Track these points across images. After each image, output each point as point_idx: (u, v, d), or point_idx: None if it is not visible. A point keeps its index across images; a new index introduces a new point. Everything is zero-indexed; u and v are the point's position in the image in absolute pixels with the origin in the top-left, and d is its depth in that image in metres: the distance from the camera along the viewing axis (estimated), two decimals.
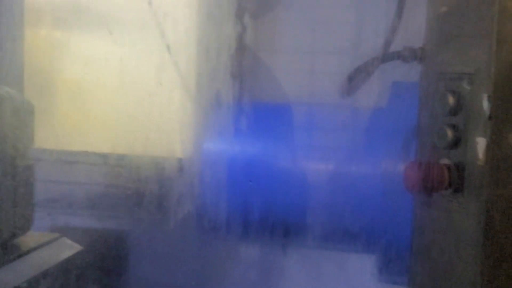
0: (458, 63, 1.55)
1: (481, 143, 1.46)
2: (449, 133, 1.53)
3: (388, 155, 1.98)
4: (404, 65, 1.77)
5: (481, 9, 1.50)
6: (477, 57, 1.49)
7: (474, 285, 1.48)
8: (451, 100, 1.53)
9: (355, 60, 2.09)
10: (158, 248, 2.45)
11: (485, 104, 1.46)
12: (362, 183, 2.03)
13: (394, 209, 1.96)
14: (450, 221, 1.52)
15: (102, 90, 2.49)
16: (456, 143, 1.52)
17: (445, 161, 1.53)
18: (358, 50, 2.14)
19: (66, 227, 2.45)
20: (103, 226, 2.44)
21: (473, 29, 1.52)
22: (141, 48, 2.46)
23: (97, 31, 2.49)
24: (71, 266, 2.16)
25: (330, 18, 2.23)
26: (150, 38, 2.45)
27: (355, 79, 1.83)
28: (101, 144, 2.49)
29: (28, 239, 2.05)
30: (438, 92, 1.57)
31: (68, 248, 2.18)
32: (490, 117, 1.44)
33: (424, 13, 1.68)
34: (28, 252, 2.00)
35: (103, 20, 2.48)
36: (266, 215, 2.14)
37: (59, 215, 2.49)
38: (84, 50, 2.46)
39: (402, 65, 1.80)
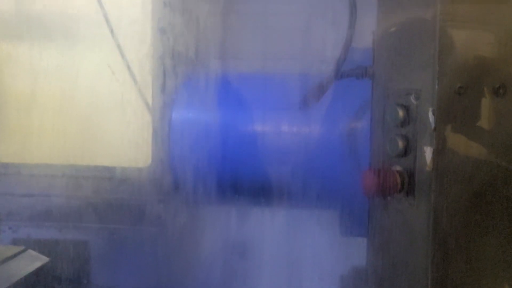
0: (406, 80, 1.74)
1: (428, 152, 1.66)
2: (400, 143, 1.72)
3: (346, 118, 2.14)
4: None
5: (425, 37, 1.70)
6: (423, 75, 1.69)
7: (426, 273, 1.68)
8: (400, 113, 1.73)
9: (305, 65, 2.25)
10: (122, 256, 2.54)
11: (431, 117, 1.66)
12: (323, 144, 2.19)
13: (352, 166, 2.14)
14: (403, 220, 1.72)
15: (57, 101, 2.53)
16: (406, 151, 1.72)
17: (397, 168, 1.73)
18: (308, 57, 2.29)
19: (28, 240, 2.51)
20: (65, 237, 2.51)
21: (418, 50, 1.72)
22: (96, 60, 2.54)
23: (50, 43, 2.57)
24: (40, 277, 2.22)
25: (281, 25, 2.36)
26: (104, 50, 2.53)
27: (311, 97, 2.00)
28: (59, 155, 2.54)
29: None
30: (389, 106, 1.77)
31: (35, 260, 2.24)
32: (435, 129, 1.64)
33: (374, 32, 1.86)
34: None
35: (56, 32, 2.55)
36: (236, 179, 2.28)
37: (20, 228, 2.55)
38: (37, 62, 2.50)
39: None
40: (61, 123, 2.54)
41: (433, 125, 1.64)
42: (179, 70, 2.40)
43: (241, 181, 2.26)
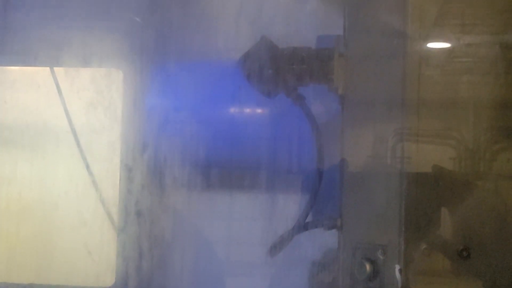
0: (373, 234, 1.78)
1: None
2: None
3: None
4: None
5: (390, 190, 1.75)
6: (389, 230, 1.73)
7: None
8: (368, 267, 1.75)
9: None
10: None
11: (397, 275, 1.68)
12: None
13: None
14: None
15: (17, 216, 2.52)
16: None
17: None
18: None
19: None
20: None
21: (383, 203, 1.76)
22: (61, 176, 2.55)
23: (20, 150, 2.58)
24: None
25: None
26: (71, 160, 2.54)
27: (277, 247, 2.03)
28: (20, 274, 2.49)
29: None
30: (356, 259, 1.79)
31: None
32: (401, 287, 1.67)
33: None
34: None
35: (25, 140, 2.57)
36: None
37: None
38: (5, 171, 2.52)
39: None
40: (21, 239, 2.53)
41: (399, 284, 1.67)
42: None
43: None
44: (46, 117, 2.52)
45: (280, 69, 1.91)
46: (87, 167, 2.50)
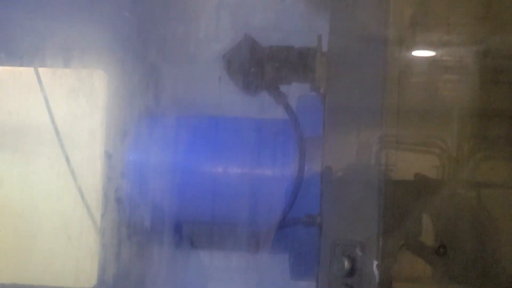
0: (351, 230, 1.82)
1: None
2: None
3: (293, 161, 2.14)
4: None
5: (368, 188, 1.78)
6: (367, 227, 1.77)
7: None
8: (346, 264, 1.79)
9: None
10: None
11: (375, 271, 1.73)
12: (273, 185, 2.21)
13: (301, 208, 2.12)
14: None
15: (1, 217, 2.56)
16: None
17: None
18: None
19: None
20: None
21: (362, 201, 1.80)
22: (44, 177, 2.56)
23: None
24: None
25: None
26: (54, 160, 2.55)
27: (258, 244, 2.06)
28: (2, 274, 2.52)
29: None
30: (335, 255, 1.83)
31: None
32: (379, 283, 1.71)
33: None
34: None
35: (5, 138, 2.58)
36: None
37: None
38: None
39: None
40: (5, 240, 2.54)
41: (377, 280, 1.71)
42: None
43: None
44: (27, 107, 2.54)
45: (262, 67, 1.94)
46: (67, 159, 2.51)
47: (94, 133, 2.48)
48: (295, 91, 1.99)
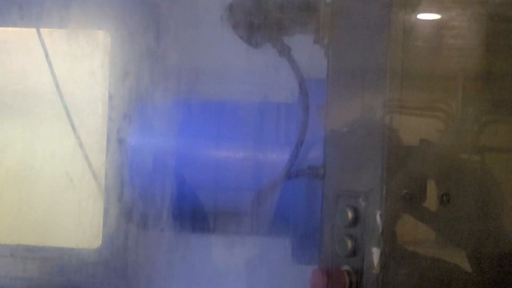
0: (355, 181, 1.81)
1: (375, 253, 1.72)
2: (349, 243, 1.77)
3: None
4: None
5: (372, 138, 1.78)
6: (371, 178, 1.76)
7: None
8: (350, 214, 1.78)
9: None
10: None
11: (378, 220, 1.72)
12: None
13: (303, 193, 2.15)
14: None
15: (6, 179, 2.54)
16: (355, 252, 1.77)
17: (345, 267, 1.78)
18: None
19: None
20: None
21: (367, 152, 1.79)
22: (50, 138, 2.56)
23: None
24: None
25: None
26: (59, 129, 2.55)
27: (262, 196, 2.06)
28: (7, 235, 2.52)
29: None
30: (338, 206, 1.82)
31: None
32: (382, 232, 1.71)
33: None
34: None
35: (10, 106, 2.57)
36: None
37: None
38: None
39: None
40: (9, 201, 2.53)
41: (380, 229, 1.70)
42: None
43: None
44: (32, 76, 2.53)
45: (265, 19, 1.92)
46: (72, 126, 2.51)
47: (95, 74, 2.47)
48: (299, 44, 1.97)
